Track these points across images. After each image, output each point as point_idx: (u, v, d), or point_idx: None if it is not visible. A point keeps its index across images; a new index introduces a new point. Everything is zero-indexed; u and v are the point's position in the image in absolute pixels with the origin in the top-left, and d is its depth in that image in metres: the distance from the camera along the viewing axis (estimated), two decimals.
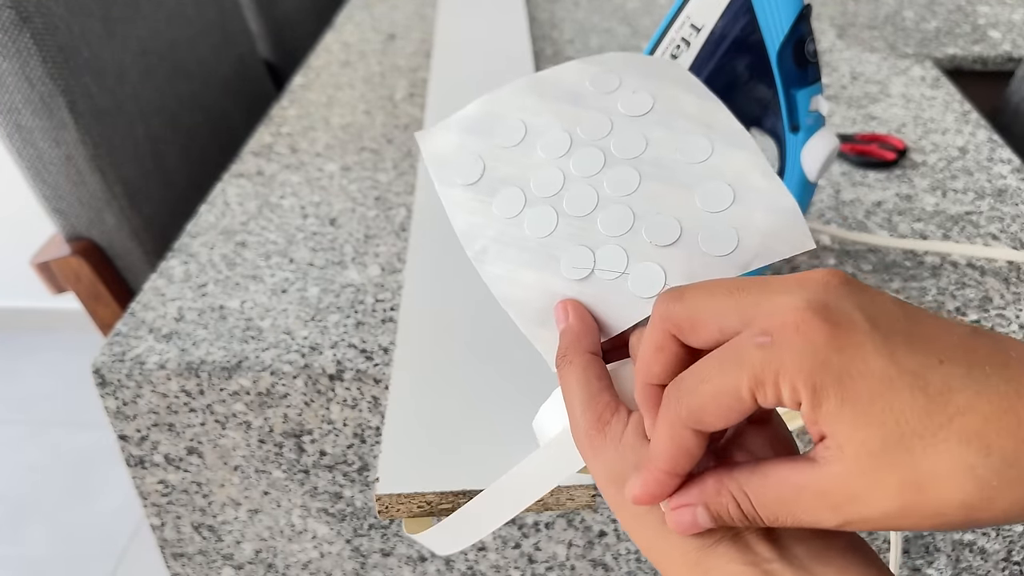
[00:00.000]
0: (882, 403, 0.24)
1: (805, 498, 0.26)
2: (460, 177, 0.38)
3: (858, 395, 0.24)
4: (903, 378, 0.24)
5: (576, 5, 1.17)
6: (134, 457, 0.59)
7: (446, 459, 0.45)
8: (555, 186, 0.37)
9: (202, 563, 0.66)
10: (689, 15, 0.51)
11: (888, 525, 0.25)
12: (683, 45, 0.52)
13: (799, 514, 0.26)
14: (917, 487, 0.24)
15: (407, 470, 0.44)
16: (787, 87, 0.50)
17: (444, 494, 0.43)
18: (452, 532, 0.38)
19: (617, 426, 0.31)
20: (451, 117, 0.40)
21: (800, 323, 0.25)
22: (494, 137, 0.39)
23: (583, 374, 0.32)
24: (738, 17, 0.50)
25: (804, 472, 0.26)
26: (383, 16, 1.15)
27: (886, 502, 0.25)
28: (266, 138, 0.83)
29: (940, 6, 1.13)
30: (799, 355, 0.25)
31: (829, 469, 0.25)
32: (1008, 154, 0.77)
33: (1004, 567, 0.60)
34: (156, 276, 0.63)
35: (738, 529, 0.29)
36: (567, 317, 0.35)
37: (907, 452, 0.24)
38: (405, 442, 0.46)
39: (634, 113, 0.39)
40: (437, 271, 0.60)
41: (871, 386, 0.24)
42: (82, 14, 0.82)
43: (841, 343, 0.25)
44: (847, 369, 0.25)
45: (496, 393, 0.50)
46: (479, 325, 0.55)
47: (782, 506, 0.27)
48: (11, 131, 0.79)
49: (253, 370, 0.54)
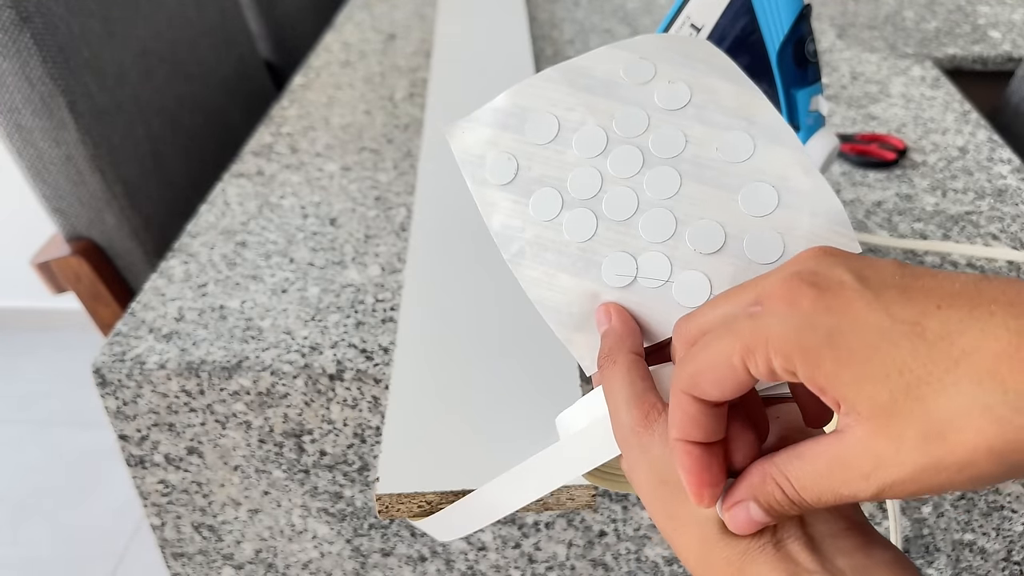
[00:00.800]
0: (879, 356, 0.24)
1: (838, 471, 0.25)
2: (494, 177, 0.37)
3: (852, 352, 0.24)
4: (898, 328, 0.24)
5: (576, 5, 1.17)
6: (134, 457, 0.59)
7: (446, 459, 0.45)
8: (593, 188, 0.37)
9: (202, 563, 0.66)
10: (689, 15, 0.51)
11: (923, 486, 0.24)
12: None
13: (838, 488, 0.26)
14: (938, 436, 0.23)
15: (407, 470, 0.44)
16: (787, 87, 0.50)
17: (444, 494, 0.43)
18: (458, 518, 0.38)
19: (663, 425, 0.30)
20: (479, 110, 0.39)
21: (787, 291, 0.25)
22: (525, 133, 0.38)
23: (628, 374, 0.32)
24: (738, 17, 0.50)
25: (832, 444, 0.25)
26: (383, 16, 1.15)
27: (911, 459, 0.24)
28: (266, 138, 0.83)
29: (940, 6, 1.13)
30: (786, 320, 0.25)
31: (851, 435, 0.25)
32: (1008, 154, 0.77)
33: (1004, 567, 0.60)
34: (156, 276, 0.63)
35: (781, 537, 0.29)
36: (610, 319, 0.34)
37: (918, 401, 0.23)
38: (405, 442, 0.46)
39: (671, 107, 0.37)
40: (437, 271, 0.60)
41: (865, 340, 0.24)
42: (82, 14, 0.82)
43: (829, 304, 0.25)
44: (837, 327, 0.24)
45: (496, 393, 0.50)
46: (479, 325, 0.55)
47: (820, 483, 0.26)
48: (11, 131, 0.79)
49: (253, 370, 0.54)
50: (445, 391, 0.50)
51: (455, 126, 0.39)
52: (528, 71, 0.91)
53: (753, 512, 0.28)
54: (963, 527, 0.57)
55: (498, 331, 0.54)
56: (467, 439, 0.46)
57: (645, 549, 0.60)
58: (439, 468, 0.44)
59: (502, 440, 0.46)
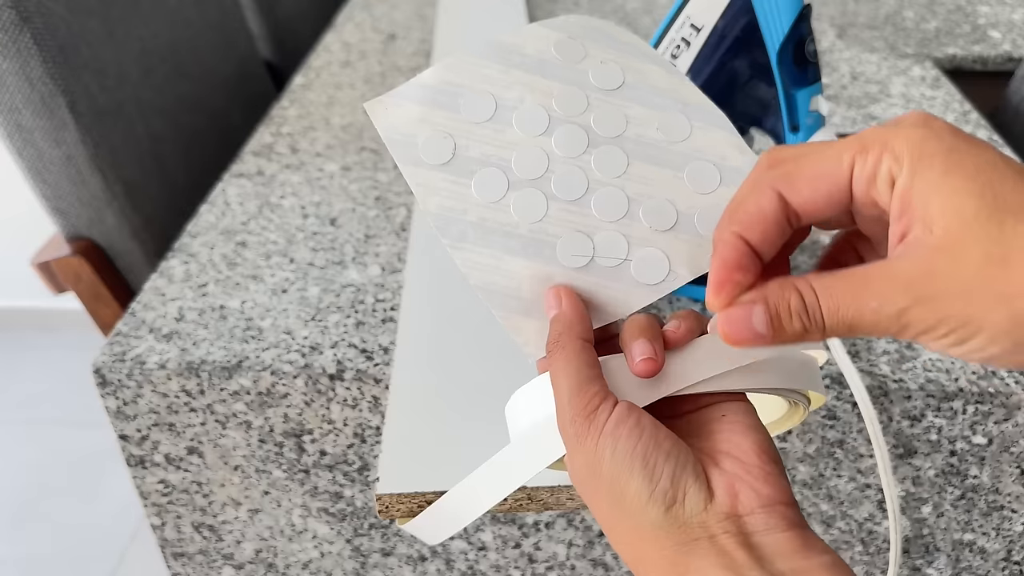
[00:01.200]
0: (985, 178, 0.25)
1: (876, 283, 0.25)
2: (429, 157, 0.36)
3: (964, 167, 0.25)
4: (1011, 166, 0.25)
5: (576, 5, 1.17)
6: (134, 457, 0.59)
7: (446, 459, 0.45)
8: (540, 168, 0.36)
9: (202, 563, 0.66)
10: (689, 15, 0.51)
11: (957, 311, 0.24)
12: (683, 45, 0.52)
13: (867, 302, 0.25)
14: (1002, 260, 0.24)
15: (407, 470, 0.44)
16: (787, 87, 0.50)
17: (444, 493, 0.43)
18: (434, 522, 0.38)
19: (602, 415, 0.30)
20: (404, 85, 0.37)
21: (925, 115, 0.26)
22: (460, 111, 0.36)
23: (575, 360, 0.31)
24: (738, 17, 0.50)
25: (877, 266, 0.26)
26: (383, 16, 1.15)
27: (963, 274, 0.24)
28: (266, 138, 0.83)
29: (940, 6, 1.13)
30: (916, 129, 0.26)
31: (910, 251, 0.25)
32: (1008, 154, 0.77)
33: (1004, 567, 0.60)
34: (156, 276, 0.63)
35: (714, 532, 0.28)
36: (559, 303, 0.34)
37: (998, 225, 0.24)
38: (405, 442, 0.46)
39: (607, 87, 0.37)
40: (437, 271, 0.60)
41: (978, 163, 0.25)
42: (82, 14, 0.82)
43: (957, 132, 0.26)
44: (958, 147, 0.25)
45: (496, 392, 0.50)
46: (479, 325, 0.55)
47: (848, 294, 0.26)
48: (11, 131, 0.79)
49: (253, 370, 0.54)
50: (445, 391, 0.50)
51: (377, 102, 0.37)
52: None
53: (756, 317, 0.27)
54: (963, 527, 0.58)
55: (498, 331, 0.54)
56: (467, 439, 0.46)
57: None
58: (439, 468, 0.44)
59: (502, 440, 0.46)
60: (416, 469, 0.44)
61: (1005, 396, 0.51)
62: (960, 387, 0.52)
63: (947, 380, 0.52)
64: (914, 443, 0.54)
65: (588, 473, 0.30)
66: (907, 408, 0.52)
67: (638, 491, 0.29)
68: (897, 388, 0.52)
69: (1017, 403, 0.51)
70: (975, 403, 0.52)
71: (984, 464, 0.54)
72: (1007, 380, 0.52)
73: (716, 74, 0.52)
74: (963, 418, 0.52)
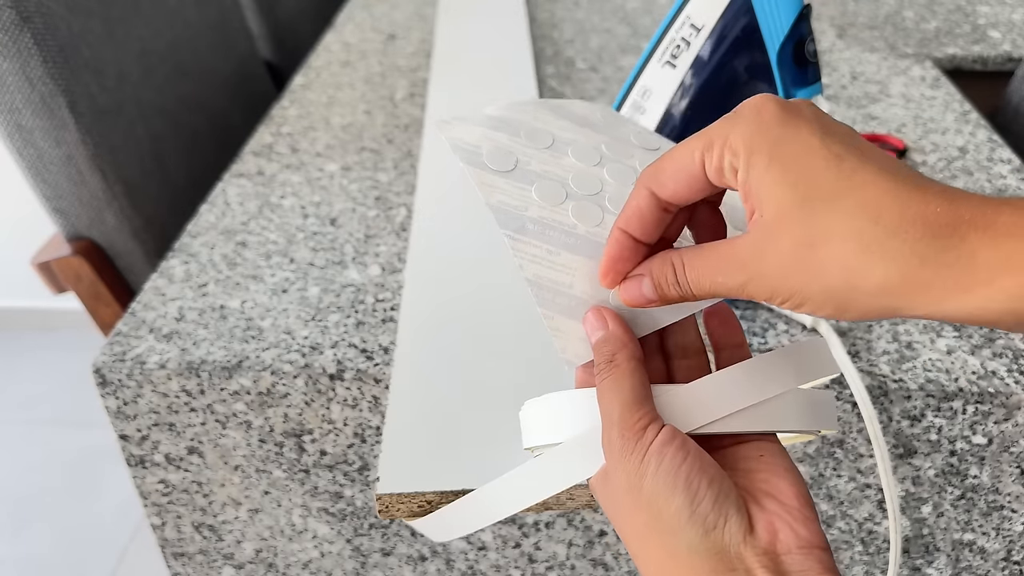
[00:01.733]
0: (800, 166, 0.28)
1: (723, 261, 0.30)
2: (493, 164, 0.37)
3: (784, 157, 0.28)
4: (825, 150, 0.28)
5: (576, 5, 1.17)
6: (134, 457, 0.59)
7: (446, 459, 0.45)
8: (595, 187, 0.38)
9: (202, 562, 0.66)
10: (689, 15, 0.51)
11: (782, 286, 0.28)
12: (683, 45, 0.52)
13: (715, 276, 0.30)
14: (809, 243, 0.27)
15: (407, 470, 0.44)
16: (787, 87, 0.50)
17: (444, 493, 0.43)
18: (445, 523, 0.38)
19: (651, 434, 0.31)
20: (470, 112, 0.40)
21: (760, 104, 0.29)
22: (521, 137, 0.39)
23: (630, 379, 0.32)
24: (738, 17, 0.50)
25: (728, 242, 0.30)
26: (383, 16, 1.15)
27: (780, 256, 0.28)
28: (266, 138, 0.83)
29: (940, 6, 1.13)
30: (749, 124, 0.29)
31: (748, 235, 0.29)
32: (1008, 154, 0.77)
33: (1004, 567, 0.60)
34: (157, 276, 0.63)
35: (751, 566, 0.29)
36: (605, 325, 0.34)
37: (810, 212, 0.27)
38: (405, 442, 0.46)
39: (648, 147, 0.41)
40: (437, 271, 0.60)
41: (797, 152, 0.28)
42: (82, 14, 0.82)
43: (786, 121, 0.29)
44: (783, 137, 0.28)
45: (496, 392, 0.50)
46: (479, 325, 0.55)
47: (704, 269, 0.31)
48: (12, 131, 0.79)
49: (254, 370, 0.54)
50: (445, 391, 0.50)
51: (446, 122, 0.39)
52: (528, 71, 0.91)
53: (645, 286, 0.33)
54: (963, 527, 0.58)
55: (498, 331, 0.54)
56: (467, 439, 0.46)
57: None
58: (439, 468, 0.44)
59: (502, 440, 0.46)
60: (416, 469, 0.44)
61: (1005, 396, 0.51)
62: (960, 387, 0.52)
63: (947, 380, 0.52)
64: (914, 443, 0.54)
65: (627, 489, 0.31)
66: (907, 408, 0.52)
67: (679, 510, 0.29)
68: (897, 388, 0.52)
69: (1017, 403, 0.51)
70: (975, 403, 0.52)
71: (984, 464, 0.54)
72: (1007, 380, 0.52)
73: (716, 74, 0.52)
74: (963, 418, 0.52)
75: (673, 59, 0.52)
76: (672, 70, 0.53)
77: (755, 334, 0.56)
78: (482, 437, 0.46)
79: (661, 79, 0.53)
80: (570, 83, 0.93)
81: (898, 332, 0.56)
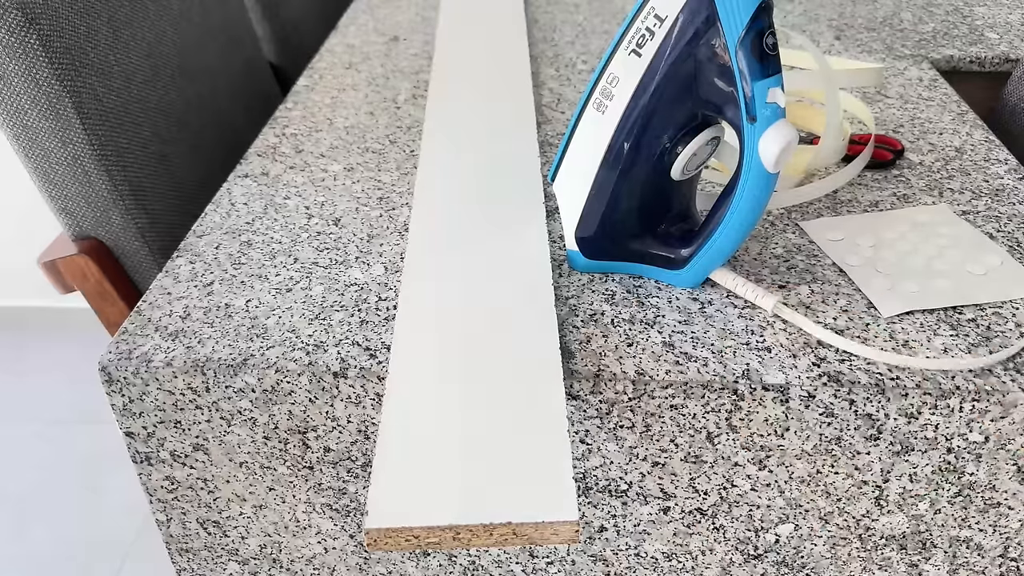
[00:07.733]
0: None
1: None
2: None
3: None
4: None
5: (576, 8, 1.17)
6: (140, 454, 0.60)
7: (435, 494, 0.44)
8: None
9: (208, 558, 0.66)
10: (654, 6, 0.52)
11: None
12: (647, 35, 0.52)
13: None
14: None
15: (396, 504, 0.43)
16: (745, 79, 0.50)
17: (431, 529, 0.42)
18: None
19: None
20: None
21: None
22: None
23: None
24: (700, 8, 0.50)
25: None
26: (386, 19, 1.15)
27: None
28: (271, 139, 0.84)
29: (937, 7, 1.13)
30: None
31: None
32: (1005, 154, 0.77)
33: (1001, 563, 0.60)
34: (163, 275, 0.64)
35: None
36: None
37: None
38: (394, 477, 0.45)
39: None
40: (437, 271, 0.61)
41: None
42: (88, 16, 0.83)
43: None
44: None
45: (491, 418, 0.50)
46: (479, 324, 0.55)
47: None
48: (18, 131, 0.80)
49: (258, 368, 0.55)
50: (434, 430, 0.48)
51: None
52: (528, 72, 0.92)
53: None
54: (960, 523, 0.58)
55: (498, 331, 0.55)
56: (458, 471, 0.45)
57: (644, 544, 0.61)
58: (428, 501, 0.43)
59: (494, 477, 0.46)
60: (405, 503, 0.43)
61: (1002, 394, 0.52)
62: (957, 385, 0.52)
63: (944, 378, 0.53)
64: (911, 440, 0.54)
65: None
66: (904, 406, 0.53)
67: None
68: (894, 386, 0.52)
69: (1013, 401, 0.52)
70: (972, 401, 0.52)
71: (981, 461, 0.55)
72: (1003, 378, 0.53)
73: (678, 64, 0.52)
74: (960, 415, 0.53)
75: (639, 48, 0.53)
76: (638, 59, 0.53)
77: (754, 333, 0.56)
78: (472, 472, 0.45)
79: (627, 67, 0.54)
80: (571, 85, 0.94)
81: (895, 330, 0.56)
